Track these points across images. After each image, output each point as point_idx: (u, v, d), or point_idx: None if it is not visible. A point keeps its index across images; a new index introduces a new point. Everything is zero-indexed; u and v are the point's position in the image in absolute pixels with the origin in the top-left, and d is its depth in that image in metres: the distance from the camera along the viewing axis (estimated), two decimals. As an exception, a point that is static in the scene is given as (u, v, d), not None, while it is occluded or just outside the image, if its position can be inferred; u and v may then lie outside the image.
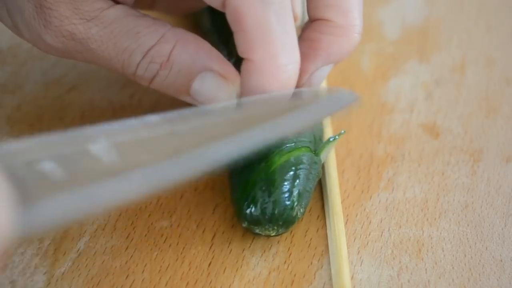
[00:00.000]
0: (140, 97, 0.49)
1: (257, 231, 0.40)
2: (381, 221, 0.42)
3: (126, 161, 0.33)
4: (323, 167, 0.44)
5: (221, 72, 0.40)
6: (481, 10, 0.56)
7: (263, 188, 0.40)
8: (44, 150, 0.31)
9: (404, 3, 0.57)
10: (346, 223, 0.42)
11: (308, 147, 0.41)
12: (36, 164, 0.30)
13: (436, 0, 0.57)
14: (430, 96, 0.50)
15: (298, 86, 0.41)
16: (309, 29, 0.42)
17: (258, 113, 0.39)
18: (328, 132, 0.46)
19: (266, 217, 0.39)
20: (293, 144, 0.41)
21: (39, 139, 0.31)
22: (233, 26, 0.38)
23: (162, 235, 0.42)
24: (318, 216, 0.42)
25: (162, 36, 0.40)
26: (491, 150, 0.46)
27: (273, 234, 0.40)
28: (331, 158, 0.44)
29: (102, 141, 0.33)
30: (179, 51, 0.40)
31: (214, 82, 0.40)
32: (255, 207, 0.39)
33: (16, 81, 0.51)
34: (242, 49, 0.38)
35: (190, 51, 0.40)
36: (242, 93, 0.39)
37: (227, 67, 0.40)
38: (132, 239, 0.41)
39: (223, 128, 0.37)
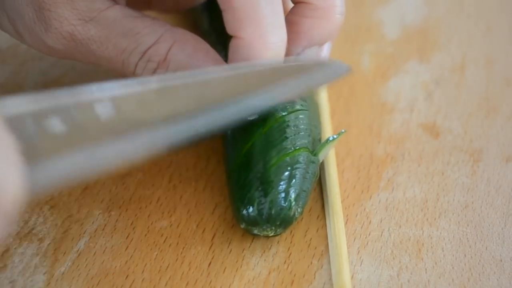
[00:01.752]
0: (140, 97, 0.49)
1: (255, 231, 0.40)
2: (381, 221, 0.42)
3: (127, 122, 0.34)
4: (322, 167, 0.44)
5: None
6: (481, 10, 0.56)
7: (259, 188, 0.40)
8: (49, 106, 0.32)
9: (404, 3, 0.57)
10: (346, 223, 0.42)
11: (306, 147, 0.41)
12: (42, 121, 0.31)
13: (436, 0, 0.57)
14: (430, 96, 0.50)
15: None
16: (291, 13, 0.42)
17: (253, 78, 0.39)
18: (328, 132, 0.46)
19: (263, 217, 0.39)
20: (291, 148, 0.41)
21: (44, 95, 0.32)
22: (222, 4, 0.39)
23: (162, 235, 0.42)
24: (318, 216, 0.42)
25: (160, 36, 0.40)
26: (491, 150, 0.46)
27: (272, 234, 0.40)
28: (331, 158, 0.44)
29: (105, 100, 0.34)
30: (176, 51, 0.40)
31: None
32: (252, 207, 0.39)
33: (15, 81, 0.51)
34: (231, 26, 0.39)
35: (187, 51, 0.40)
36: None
37: None
38: (132, 239, 0.41)
39: (218, 91, 0.38)
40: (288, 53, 0.42)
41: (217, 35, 0.48)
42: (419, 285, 0.39)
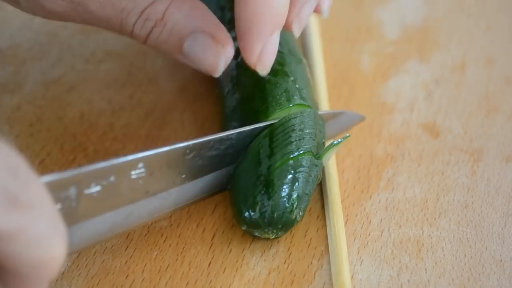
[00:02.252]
0: (139, 97, 0.49)
1: (256, 234, 0.40)
2: (381, 221, 0.42)
3: (159, 182, 0.39)
4: (322, 166, 0.44)
5: (212, 34, 0.41)
6: (481, 10, 0.56)
7: (262, 191, 0.40)
8: (94, 176, 0.36)
9: (404, 3, 0.57)
10: (346, 223, 0.42)
11: (310, 151, 0.41)
12: (87, 189, 0.35)
13: (436, 0, 0.57)
14: (430, 96, 0.50)
15: (288, 22, 0.42)
16: None
17: None
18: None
19: (266, 220, 0.39)
20: (295, 151, 0.40)
21: (91, 166, 0.35)
22: None
23: (162, 235, 0.42)
24: (318, 216, 0.42)
25: None
26: (491, 150, 0.46)
27: (272, 237, 0.40)
28: (331, 158, 0.44)
29: (140, 166, 0.37)
30: (173, 10, 0.41)
31: (205, 42, 0.41)
32: (254, 210, 0.39)
33: (15, 81, 0.51)
34: None
35: (184, 11, 0.41)
36: (237, 29, 0.40)
37: (220, 29, 0.41)
38: (132, 239, 0.41)
39: (241, 149, 0.42)
40: (293, 6, 0.42)
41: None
42: (419, 285, 0.39)
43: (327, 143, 0.43)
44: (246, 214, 0.40)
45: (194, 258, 0.41)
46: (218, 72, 0.41)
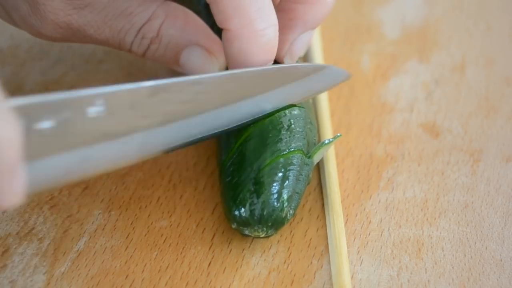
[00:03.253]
0: (139, 97, 0.49)
1: (246, 232, 0.40)
2: (381, 221, 0.42)
3: (121, 125, 0.35)
4: (322, 166, 0.44)
5: (207, 47, 0.42)
6: (481, 10, 0.56)
7: (252, 189, 0.39)
8: (46, 109, 0.32)
9: (404, 3, 0.57)
10: (346, 222, 0.42)
11: (300, 149, 0.41)
12: (38, 123, 0.32)
13: (436, 0, 0.57)
14: (430, 96, 0.50)
15: (279, 56, 0.43)
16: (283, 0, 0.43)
17: (249, 85, 0.40)
18: (328, 131, 0.46)
19: (255, 218, 0.39)
20: (285, 149, 0.40)
21: (42, 97, 0.32)
22: None
23: (161, 235, 0.42)
24: (318, 216, 0.42)
25: (153, 13, 0.42)
26: (491, 150, 0.46)
27: (263, 235, 0.40)
28: (331, 157, 0.44)
29: (99, 103, 0.34)
30: (167, 26, 0.42)
31: (200, 55, 0.42)
32: (244, 208, 0.39)
33: (16, 81, 0.51)
34: (219, 19, 0.40)
35: (178, 25, 0.42)
36: (228, 63, 0.41)
37: (213, 41, 0.43)
38: (132, 239, 0.41)
39: (214, 95, 0.39)
40: (284, 39, 0.43)
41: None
42: (419, 285, 0.39)
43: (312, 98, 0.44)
44: (236, 211, 0.39)
45: (194, 258, 0.41)
46: None
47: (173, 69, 0.44)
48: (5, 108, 0.30)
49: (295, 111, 0.42)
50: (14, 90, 0.50)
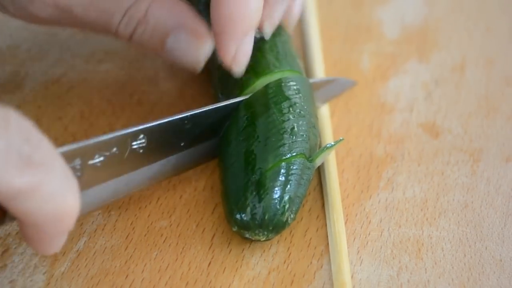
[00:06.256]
0: (139, 97, 0.49)
1: (247, 235, 0.40)
2: (380, 221, 0.42)
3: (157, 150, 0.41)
4: (322, 167, 0.44)
5: (193, 30, 0.43)
6: (481, 10, 0.56)
7: (254, 193, 0.39)
8: (97, 148, 0.38)
9: (403, 3, 0.57)
10: (346, 222, 0.42)
11: (302, 153, 0.41)
12: (89, 160, 0.37)
13: (436, 0, 0.57)
14: (429, 96, 0.50)
15: (260, 22, 0.44)
16: None
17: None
18: (328, 131, 0.46)
19: (256, 222, 0.39)
20: (288, 153, 0.40)
21: (94, 139, 0.38)
22: None
23: (161, 235, 0.42)
24: (317, 216, 0.42)
25: None
26: (491, 150, 0.46)
27: (263, 239, 0.40)
28: (331, 157, 0.44)
29: (141, 138, 0.40)
30: (155, 8, 0.43)
31: (186, 39, 0.43)
32: (245, 212, 0.39)
33: (15, 81, 0.51)
34: None
35: (165, 8, 0.43)
36: (213, 31, 0.42)
37: (200, 25, 0.43)
38: (132, 239, 0.41)
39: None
40: (266, 6, 0.43)
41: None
42: (419, 285, 0.39)
43: (321, 107, 0.44)
44: (237, 215, 0.39)
45: (194, 258, 0.41)
46: (199, 67, 0.43)
47: (160, 56, 0.44)
48: (74, 181, 0.34)
49: (299, 115, 0.42)
50: (14, 90, 0.50)
